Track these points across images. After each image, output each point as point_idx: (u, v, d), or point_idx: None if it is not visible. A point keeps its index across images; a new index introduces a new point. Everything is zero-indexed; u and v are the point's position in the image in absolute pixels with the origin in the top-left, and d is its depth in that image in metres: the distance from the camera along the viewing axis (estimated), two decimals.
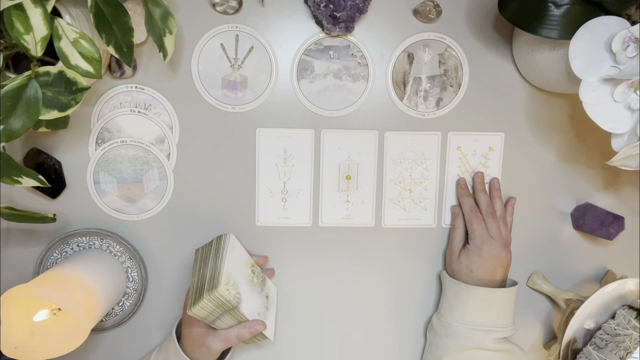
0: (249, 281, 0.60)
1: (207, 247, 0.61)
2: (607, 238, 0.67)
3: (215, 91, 0.64)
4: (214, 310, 0.54)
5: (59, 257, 0.64)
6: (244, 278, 0.59)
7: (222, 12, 0.63)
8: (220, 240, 0.60)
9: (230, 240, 0.59)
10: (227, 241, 0.59)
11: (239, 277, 0.57)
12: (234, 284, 0.55)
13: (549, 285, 0.70)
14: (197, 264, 0.59)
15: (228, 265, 0.56)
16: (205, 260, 0.58)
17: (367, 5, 0.61)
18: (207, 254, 0.59)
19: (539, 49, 0.59)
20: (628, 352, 0.61)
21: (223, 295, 0.53)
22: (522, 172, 0.70)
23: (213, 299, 0.53)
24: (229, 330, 0.57)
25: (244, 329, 0.57)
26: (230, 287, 0.54)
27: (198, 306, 0.53)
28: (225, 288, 0.53)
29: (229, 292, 0.54)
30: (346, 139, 0.67)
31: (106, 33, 0.50)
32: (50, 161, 0.63)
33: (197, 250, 0.62)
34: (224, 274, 0.54)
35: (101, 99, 0.63)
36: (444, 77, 0.67)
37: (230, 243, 0.59)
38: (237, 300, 0.55)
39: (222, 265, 0.56)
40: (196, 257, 0.61)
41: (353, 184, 0.68)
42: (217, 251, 0.58)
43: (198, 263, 0.59)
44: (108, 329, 0.67)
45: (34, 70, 0.47)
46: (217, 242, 0.60)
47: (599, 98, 0.52)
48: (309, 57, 0.65)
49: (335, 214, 0.69)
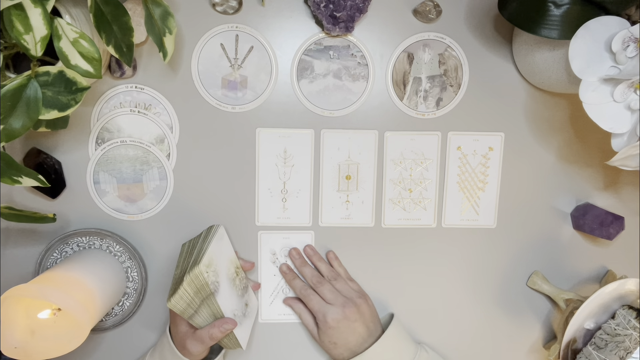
0: (231, 279, 0.59)
1: (194, 239, 0.61)
2: (607, 238, 0.67)
3: (215, 91, 0.64)
4: (192, 301, 0.54)
5: (59, 257, 0.64)
6: (226, 273, 0.58)
7: (222, 12, 0.63)
8: (209, 231, 0.60)
9: (219, 231, 0.59)
10: (217, 231, 0.59)
11: (221, 269, 0.57)
12: (215, 272, 0.55)
13: (549, 285, 0.70)
14: (181, 257, 0.59)
15: (212, 251, 0.56)
16: (190, 252, 0.58)
17: (367, 5, 0.61)
18: (194, 246, 0.59)
19: (539, 49, 0.59)
20: (628, 352, 0.61)
21: (202, 274, 0.52)
22: (522, 172, 0.70)
23: (193, 279, 0.52)
24: (202, 331, 0.57)
25: (213, 328, 0.56)
26: (211, 272, 0.54)
27: (177, 294, 0.53)
28: (205, 270, 0.53)
29: (208, 275, 0.53)
30: (346, 139, 0.67)
31: (106, 33, 0.50)
32: (50, 161, 0.63)
33: (183, 245, 0.62)
34: (206, 257, 0.54)
35: (101, 99, 0.63)
36: (444, 77, 0.67)
37: (219, 233, 0.59)
38: (215, 287, 0.54)
39: (207, 249, 0.55)
40: (182, 251, 0.61)
41: (353, 184, 0.68)
42: (204, 240, 0.58)
43: (183, 256, 0.59)
44: (108, 329, 0.67)
45: (34, 70, 0.47)
46: (206, 233, 0.60)
47: (599, 98, 0.52)
48: (309, 57, 0.65)
49: (335, 214, 0.69)
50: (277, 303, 0.70)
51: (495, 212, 0.70)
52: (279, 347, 0.71)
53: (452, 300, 0.71)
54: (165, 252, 0.67)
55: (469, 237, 0.71)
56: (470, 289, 0.72)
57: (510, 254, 0.71)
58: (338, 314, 0.61)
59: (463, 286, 0.71)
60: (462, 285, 0.71)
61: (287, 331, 0.70)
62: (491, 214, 0.70)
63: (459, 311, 0.72)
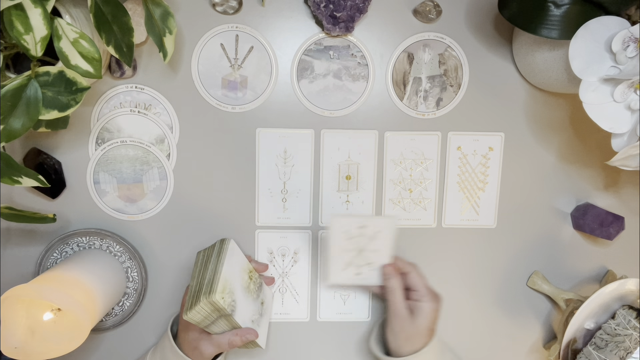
0: (245, 287, 0.60)
1: (209, 250, 0.61)
2: (607, 238, 0.67)
3: (215, 91, 0.64)
4: (209, 315, 0.55)
5: (59, 257, 0.64)
6: (241, 284, 0.59)
7: (222, 12, 0.63)
8: (221, 245, 0.60)
9: (230, 246, 0.59)
10: (227, 247, 0.59)
11: (236, 284, 0.58)
12: (230, 292, 0.56)
13: (549, 285, 0.70)
14: (197, 267, 0.59)
15: (225, 272, 0.56)
16: (205, 264, 0.58)
17: (367, 5, 0.61)
18: (209, 258, 0.59)
19: (539, 49, 0.59)
20: (628, 352, 0.61)
21: (218, 303, 0.53)
22: (522, 172, 0.70)
23: (209, 303, 0.53)
24: (221, 336, 0.58)
25: (235, 337, 0.57)
26: (226, 295, 0.55)
27: (194, 310, 0.53)
28: (221, 296, 0.53)
29: (224, 300, 0.54)
30: (346, 139, 0.67)
31: (106, 33, 0.50)
32: (50, 161, 0.63)
33: (198, 253, 0.62)
34: (221, 282, 0.55)
35: (101, 99, 0.63)
36: (444, 77, 0.67)
37: (230, 249, 0.59)
38: (232, 308, 0.55)
39: (221, 271, 0.56)
40: (197, 260, 0.61)
41: (353, 184, 0.68)
42: (217, 256, 0.58)
43: (198, 267, 0.59)
44: (108, 329, 0.67)
45: (34, 70, 0.47)
46: (219, 246, 0.60)
47: (599, 98, 0.52)
48: (309, 57, 0.65)
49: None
50: (277, 303, 0.70)
51: (495, 212, 0.70)
52: (278, 346, 0.71)
53: (452, 300, 0.71)
54: (165, 252, 0.67)
55: (469, 237, 0.71)
56: (470, 289, 0.72)
57: (510, 254, 0.71)
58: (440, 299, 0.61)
59: (463, 286, 0.71)
60: (462, 285, 0.71)
61: (287, 330, 0.70)
62: (491, 214, 0.70)
63: (459, 311, 0.72)
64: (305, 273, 0.70)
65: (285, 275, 0.69)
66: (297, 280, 0.70)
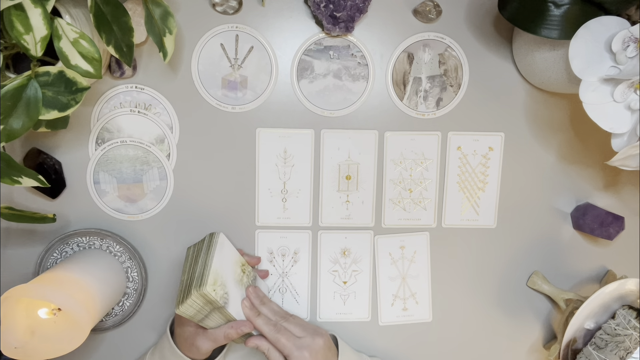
0: (239, 280, 0.60)
1: (198, 244, 0.61)
2: (607, 238, 0.67)
3: (215, 91, 0.64)
4: (202, 308, 0.54)
5: (59, 257, 0.64)
6: (233, 277, 0.59)
7: (222, 12, 0.63)
8: (211, 239, 0.60)
9: (219, 240, 0.59)
10: (217, 240, 0.59)
11: (228, 277, 0.57)
12: (222, 284, 0.55)
13: (549, 285, 0.70)
14: (187, 262, 0.59)
15: (216, 266, 0.56)
16: (195, 258, 0.58)
17: (367, 5, 0.61)
18: (199, 252, 0.59)
19: (539, 49, 0.59)
20: (628, 352, 0.61)
21: (209, 295, 0.53)
22: (522, 172, 0.70)
23: (200, 296, 0.53)
24: (217, 330, 0.57)
25: (230, 329, 0.56)
26: (218, 288, 0.54)
27: (186, 304, 0.53)
28: (212, 288, 0.53)
29: (216, 292, 0.54)
30: (346, 139, 0.67)
31: (106, 33, 0.50)
32: (50, 161, 0.63)
33: (188, 249, 0.62)
34: (212, 274, 0.54)
35: (101, 99, 0.63)
36: (444, 77, 0.67)
37: (219, 242, 0.59)
38: (225, 300, 0.55)
39: (210, 264, 0.56)
40: (187, 255, 0.61)
41: (353, 184, 0.68)
42: (207, 250, 0.58)
43: (189, 261, 0.59)
44: (108, 329, 0.67)
45: (34, 70, 0.47)
46: (209, 240, 0.60)
47: (599, 98, 0.52)
48: (309, 57, 0.65)
49: (335, 214, 0.69)
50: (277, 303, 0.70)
51: (495, 212, 0.70)
52: None
53: (452, 300, 0.71)
54: (165, 252, 0.67)
55: (469, 237, 0.71)
56: (470, 289, 0.72)
57: (510, 254, 0.71)
58: (316, 344, 0.57)
59: (463, 286, 0.71)
60: (462, 286, 0.71)
61: None
62: (491, 214, 0.70)
63: (459, 311, 0.72)
64: (305, 273, 0.70)
65: (285, 275, 0.69)
66: (297, 280, 0.70)
